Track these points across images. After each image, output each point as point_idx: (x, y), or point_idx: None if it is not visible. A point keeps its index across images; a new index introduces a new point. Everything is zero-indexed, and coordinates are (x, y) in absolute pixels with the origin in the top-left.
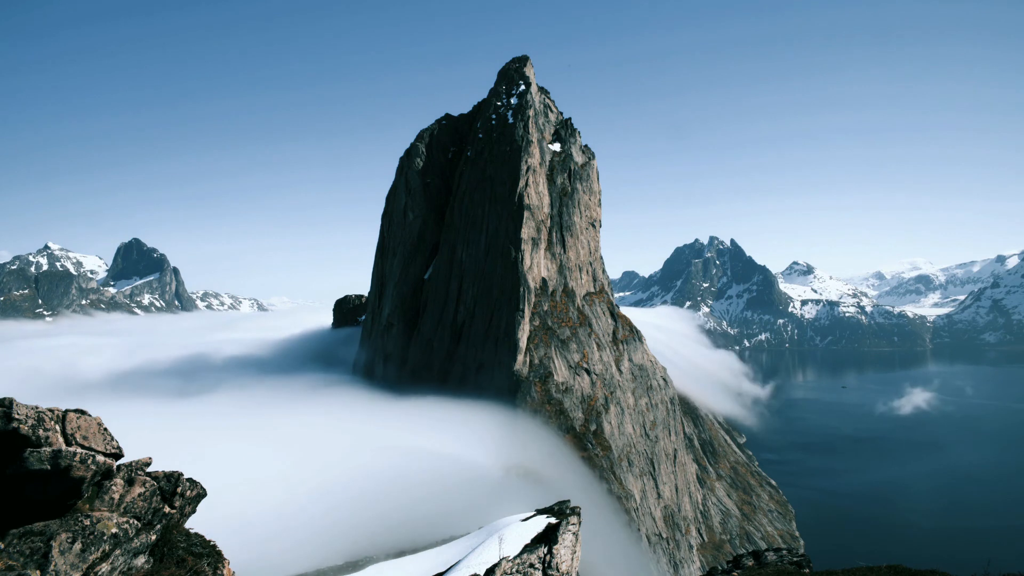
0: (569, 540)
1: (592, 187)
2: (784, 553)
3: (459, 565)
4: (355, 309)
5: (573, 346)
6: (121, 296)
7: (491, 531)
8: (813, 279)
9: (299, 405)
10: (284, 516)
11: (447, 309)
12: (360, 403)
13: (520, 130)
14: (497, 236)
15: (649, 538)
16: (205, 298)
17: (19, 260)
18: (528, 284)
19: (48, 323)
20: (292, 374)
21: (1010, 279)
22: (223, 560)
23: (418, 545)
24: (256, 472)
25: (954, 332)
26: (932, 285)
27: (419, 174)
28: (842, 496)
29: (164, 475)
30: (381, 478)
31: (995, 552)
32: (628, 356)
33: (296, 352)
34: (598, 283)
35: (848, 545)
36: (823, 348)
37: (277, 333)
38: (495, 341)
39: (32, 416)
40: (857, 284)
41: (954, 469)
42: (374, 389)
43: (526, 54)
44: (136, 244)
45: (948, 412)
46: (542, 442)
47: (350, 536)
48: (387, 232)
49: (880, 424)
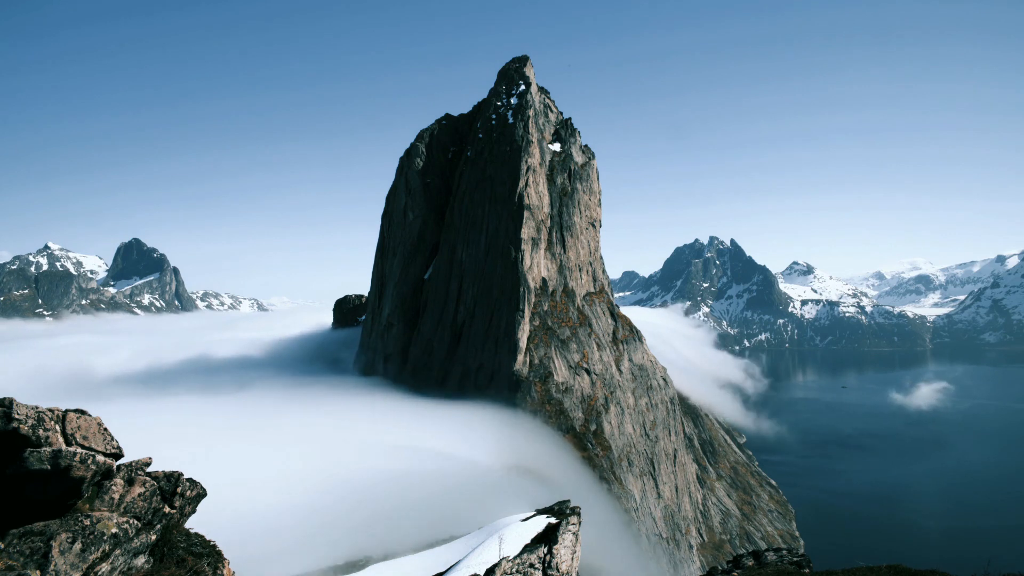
0: (569, 540)
1: (592, 187)
2: (784, 553)
3: (459, 565)
4: (355, 309)
5: (573, 346)
6: (121, 296)
7: (491, 531)
8: (813, 279)
9: (298, 405)
10: (284, 516)
11: (447, 309)
12: (359, 403)
13: (520, 130)
14: (497, 236)
15: (649, 538)
16: (205, 298)
17: (19, 260)
18: (528, 284)
19: (49, 323)
20: (292, 374)
21: (1010, 279)
22: (223, 560)
23: (418, 545)
24: (256, 472)
25: (954, 332)
26: (932, 285)
27: (419, 174)
28: (842, 496)
29: (164, 475)
30: (381, 478)
31: (995, 552)
32: (628, 356)
33: (296, 352)
34: (598, 283)
35: (848, 545)
36: (823, 348)
37: (277, 333)
38: (495, 341)
39: (32, 416)
40: (857, 284)
41: (954, 469)
42: (374, 389)
43: (526, 54)
44: (136, 244)
45: (948, 412)
46: (542, 442)
47: (350, 536)
48: (387, 232)
49: (880, 424)
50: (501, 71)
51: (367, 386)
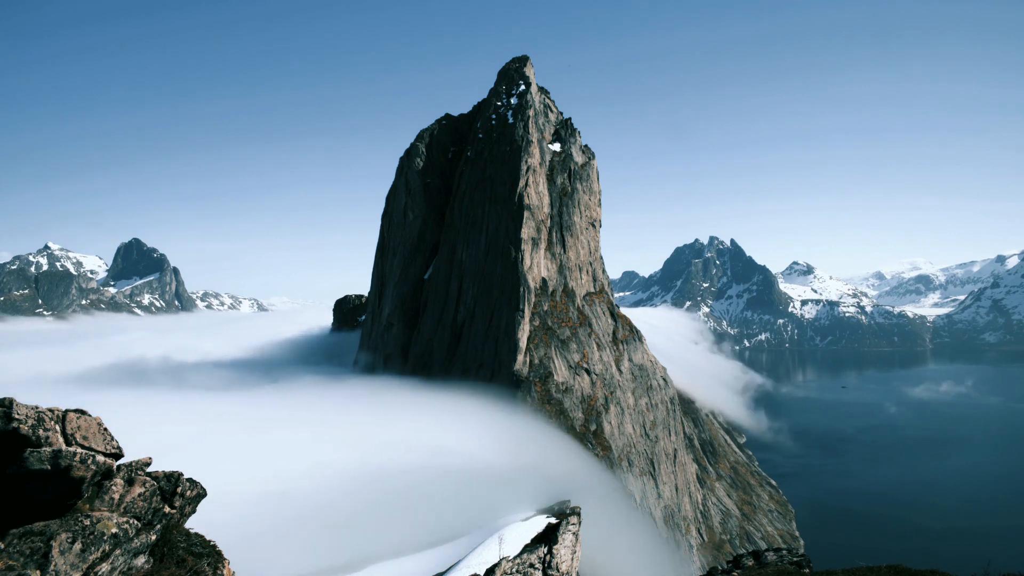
0: (569, 540)
1: (592, 187)
2: (784, 553)
3: (459, 565)
4: (355, 309)
5: (573, 346)
6: (121, 296)
7: (491, 531)
8: (813, 279)
9: (298, 404)
10: (283, 515)
11: (447, 309)
12: (359, 402)
13: (520, 130)
14: (497, 236)
15: (649, 538)
16: (205, 298)
17: (19, 260)
18: (528, 284)
19: (49, 323)
20: (291, 373)
21: (1010, 279)
22: (223, 560)
23: (418, 545)
24: (255, 471)
25: (954, 332)
26: (932, 285)
27: (419, 174)
28: (842, 496)
29: (164, 475)
30: (381, 477)
31: (995, 552)
32: (628, 356)
33: (296, 352)
34: (598, 283)
35: (848, 545)
36: (823, 348)
37: (277, 333)
38: (495, 341)
39: (32, 416)
40: (857, 284)
41: (954, 469)
42: (373, 388)
43: (526, 54)
44: (136, 244)
45: (948, 412)
46: (542, 442)
47: (351, 536)
48: (387, 232)
49: (880, 424)
50: (501, 71)
51: (366, 385)
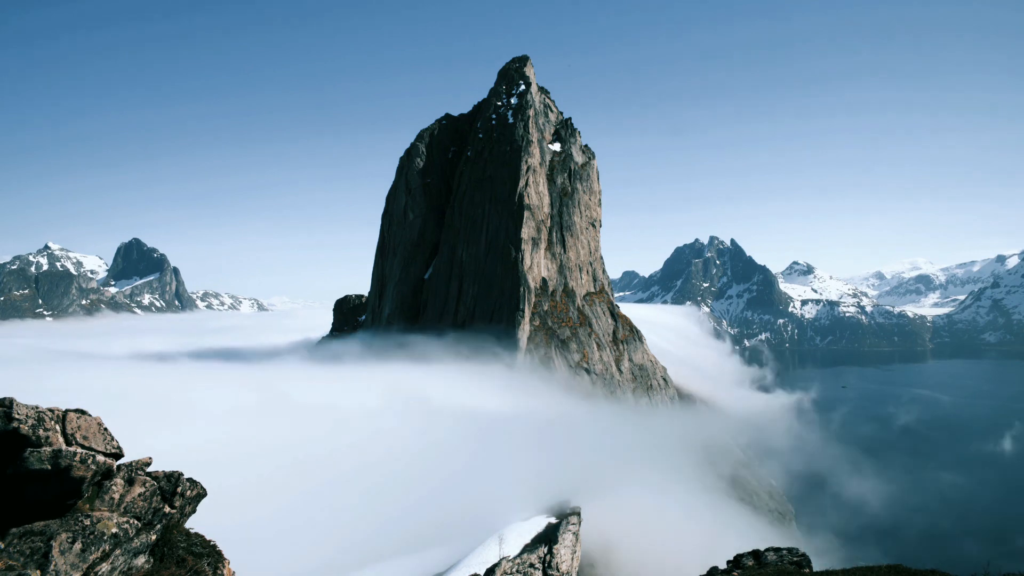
0: (569, 540)
1: (592, 187)
2: (784, 553)
3: (459, 565)
4: (355, 309)
5: (573, 346)
6: (121, 296)
7: (491, 531)
8: (813, 279)
9: (295, 396)
10: (283, 515)
11: (447, 309)
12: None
13: (520, 130)
14: (497, 236)
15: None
16: (205, 298)
17: (19, 260)
18: (528, 284)
19: (50, 323)
20: (290, 372)
21: (1010, 279)
22: (223, 560)
23: (419, 544)
24: (255, 471)
25: (954, 332)
26: (932, 285)
27: (419, 174)
28: (842, 496)
29: (164, 475)
30: (381, 477)
31: (995, 552)
32: (628, 356)
33: (295, 351)
34: (598, 283)
35: (848, 545)
36: (823, 348)
37: (276, 333)
38: (495, 341)
39: (32, 416)
40: (857, 284)
41: (954, 469)
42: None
43: (526, 54)
44: (136, 244)
45: (948, 412)
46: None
47: (351, 536)
48: (387, 232)
49: (880, 424)
50: (501, 71)
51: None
